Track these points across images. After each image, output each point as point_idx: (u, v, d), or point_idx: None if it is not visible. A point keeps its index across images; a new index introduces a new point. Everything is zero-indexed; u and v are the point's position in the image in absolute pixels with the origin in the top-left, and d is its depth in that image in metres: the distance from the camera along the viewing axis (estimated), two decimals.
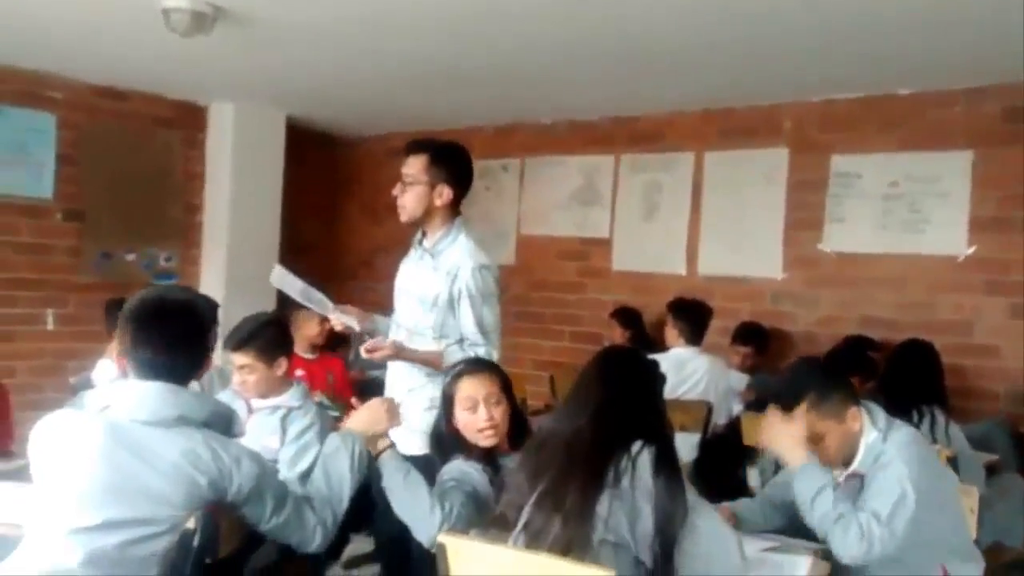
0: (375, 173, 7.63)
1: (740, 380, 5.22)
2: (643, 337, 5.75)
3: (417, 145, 3.20)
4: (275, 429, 3.12)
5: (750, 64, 4.89)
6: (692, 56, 4.78)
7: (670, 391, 4.37)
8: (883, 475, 2.35)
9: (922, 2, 3.81)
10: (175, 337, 2.18)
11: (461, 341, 3.10)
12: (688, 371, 4.73)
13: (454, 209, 3.21)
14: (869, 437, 2.42)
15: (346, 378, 5.15)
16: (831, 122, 5.47)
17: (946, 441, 3.69)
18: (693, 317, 4.97)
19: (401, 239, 7.26)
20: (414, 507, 2.34)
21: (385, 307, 6.41)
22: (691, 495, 2.10)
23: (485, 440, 2.55)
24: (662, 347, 5.01)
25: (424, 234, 3.29)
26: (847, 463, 2.46)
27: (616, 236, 6.33)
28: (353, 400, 2.72)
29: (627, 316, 5.86)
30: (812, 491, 2.32)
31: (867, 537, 2.24)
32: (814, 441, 2.41)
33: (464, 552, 2.05)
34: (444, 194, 3.16)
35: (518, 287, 6.71)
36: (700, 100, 5.81)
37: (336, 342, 5.68)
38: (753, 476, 4.45)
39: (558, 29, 4.44)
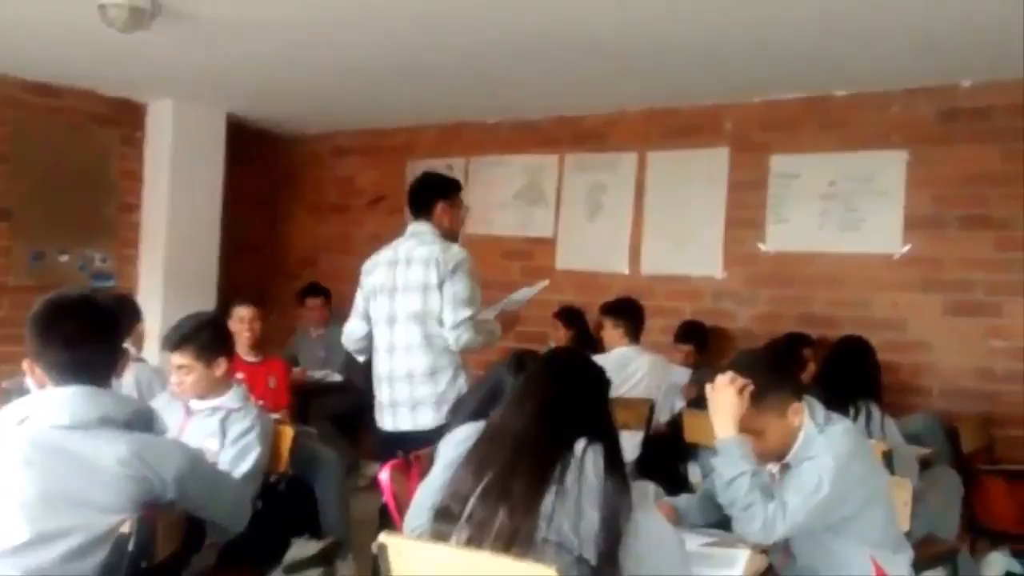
0: (319, 172, 7.57)
1: (683, 375, 5.28)
2: (586, 337, 5.78)
3: None
4: (215, 431, 3.07)
5: (692, 65, 4.95)
6: (635, 57, 4.83)
7: (612, 390, 4.41)
8: (807, 465, 2.39)
9: (860, 6, 3.89)
10: (76, 334, 2.13)
11: None
12: (631, 370, 4.77)
13: None
14: (807, 430, 2.46)
15: (287, 383, 5.08)
16: (771, 122, 5.56)
17: (881, 435, 3.77)
18: (629, 315, 5.03)
19: (345, 238, 7.33)
20: None
21: (331, 307, 6.50)
22: (634, 493, 2.12)
23: None
24: (604, 347, 5.05)
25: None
26: (782, 456, 2.50)
27: (560, 235, 6.36)
28: None
29: (570, 316, 5.88)
30: (730, 475, 2.36)
31: (768, 526, 2.32)
32: (754, 435, 2.44)
33: (406, 552, 2.04)
34: None
35: None
36: (643, 100, 5.86)
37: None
38: (694, 472, 4.50)
39: (503, 30, 4.45)
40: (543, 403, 2.16)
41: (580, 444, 2.07)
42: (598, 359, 3.26)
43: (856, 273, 5.23)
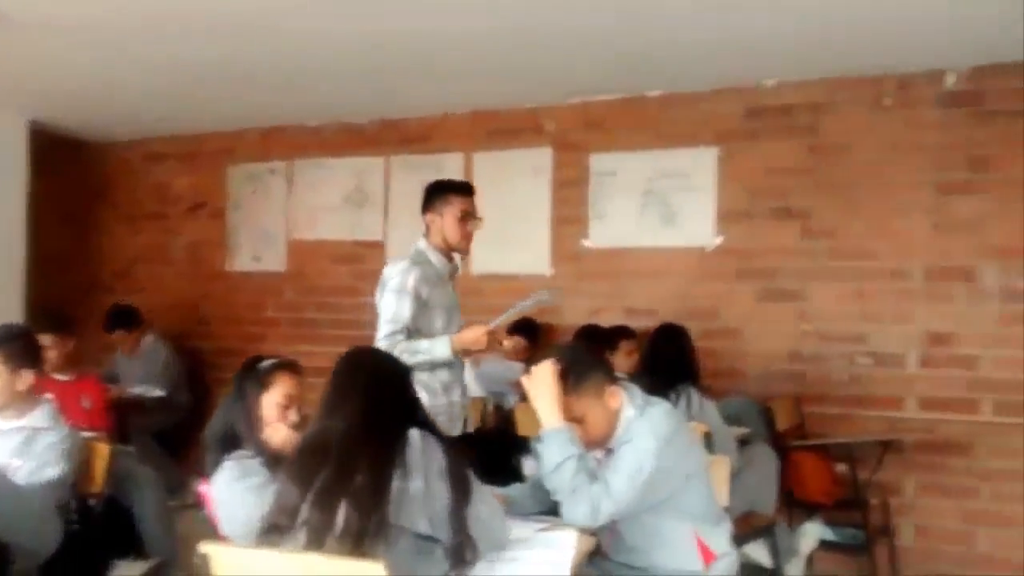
0: (132, 179, 7.23)
1: (514, 370, 5.32)
2: None
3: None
4: (18, 450, 2.88)
5: (512, 69, 5.05)
6: (458, 60, 4.87)
7: None
8: (629, 447, 2.46)
9: (668, 7, 4.05)
10: None
11: None
12: None
13: None
14: (627, 414, 2.54)
15: (104, 402, 4.80)
16: (589, 122, 5.72)
17: (701, 417, 3.94)
18: None
19: (162, 248, 7.02)
20: None
21: (140, 328, 6.25)
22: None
23: (291, 437, 2.49)
24: None
25: (450, 258, 3.84)
26: (606, 442, 2.56)
27: (390, 238, 6.31)
28: None
29: None
30: (557, 460, 2.40)
31: (594, 510, 2.37)
32: (577, 422, 2.50)
33: (231, 560, 1.97)
34: None
35: (290, 294, 6.58)
36: (467, 102, 5.91)
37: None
38: (529, 466, 4.56)
39: (324, 32, 4.40)
40: (363, 398, 2.18)
41: (415, 432, 2.12)
42: None
43: (674, 265, 5.45)
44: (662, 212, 5.49)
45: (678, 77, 5.23)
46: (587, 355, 2.65)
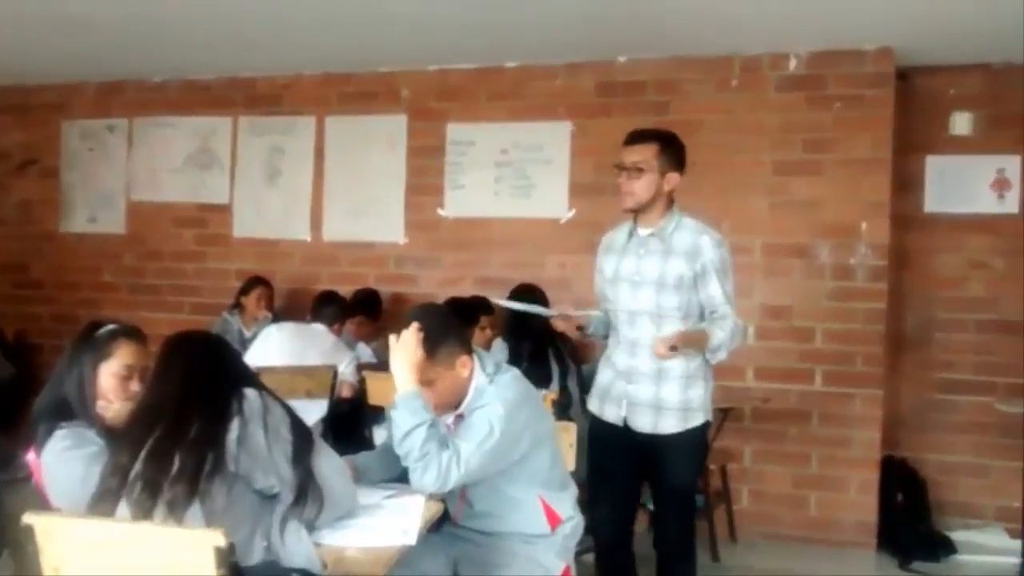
0: None
1: (366, 352, 5.22)
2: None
3: (644, 134, 3.33)
4: None
5: (366, 31, 4.93)
6: (310, 17, 4.71)
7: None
8: (479, 413, 2.47)
9: None
10: None
11: (710, 313, 3.26)
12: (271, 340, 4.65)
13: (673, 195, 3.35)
14: (478, 381, 2.54)
15: None
16: (446, 91, 5.67)
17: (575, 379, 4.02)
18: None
19: None
20: None
21: None
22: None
23: (123, 410, 2.36)
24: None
25: (635, 222, 3.38)
26: (457, 406, 2.57)
27: (236, 202, 6.10)
28: None
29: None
30: (408, 425, 2.38)
31: (443, 475, 2.36)
32: (426, 384, 2.48)
33: (57, 532, 1.86)
34: (672, 181, 3.29)
35: (130, 258, 6.29)
36: (319, 63, 5.75)
37: None
38: (380, 436, 4.52)
39: None
40: (190, 364, 2.21)
41: (251, 390, 2.17)
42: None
43: (528, 236, 5.49)
44: (517, 184, 5.52)
45: (533, 49, 5.24)
46: (446, 321, 2.62)
